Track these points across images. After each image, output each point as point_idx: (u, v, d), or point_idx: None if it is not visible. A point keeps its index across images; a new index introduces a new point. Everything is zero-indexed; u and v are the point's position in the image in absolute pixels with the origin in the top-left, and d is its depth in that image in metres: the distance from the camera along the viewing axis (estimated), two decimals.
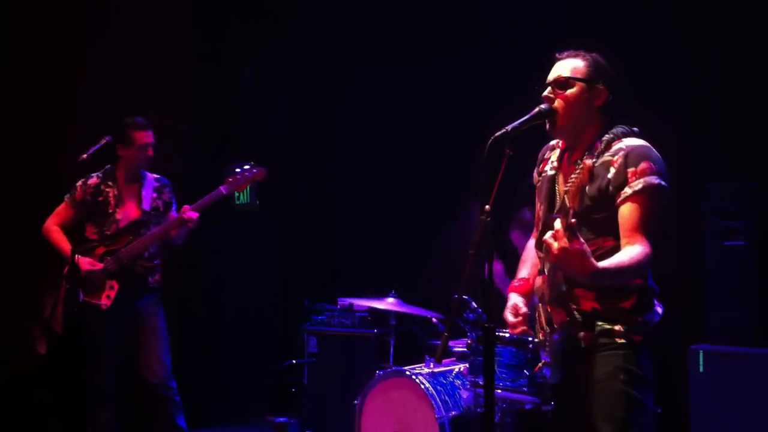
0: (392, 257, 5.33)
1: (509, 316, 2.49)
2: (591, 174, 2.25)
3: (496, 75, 4.78)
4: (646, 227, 2.22)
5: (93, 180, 4.10)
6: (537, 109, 2.34)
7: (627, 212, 2.24)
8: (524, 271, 2.61)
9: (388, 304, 4.21)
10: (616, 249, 2.24)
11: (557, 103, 2.35)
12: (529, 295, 2.54)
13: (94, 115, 4.67)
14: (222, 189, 3.98)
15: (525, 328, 2.47)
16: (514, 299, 2.53)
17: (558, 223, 2.04)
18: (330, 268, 5.66)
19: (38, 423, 4.41)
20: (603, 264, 2.12)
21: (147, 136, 4.07)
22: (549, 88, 2.38)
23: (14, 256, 4.73)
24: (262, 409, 5.59)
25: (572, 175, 2.28)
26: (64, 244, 4.00)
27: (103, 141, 3.70)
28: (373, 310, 4.63)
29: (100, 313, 3.90)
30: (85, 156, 3.62)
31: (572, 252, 2.01)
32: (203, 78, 5.72)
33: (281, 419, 5.13)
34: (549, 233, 2.06)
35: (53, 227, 4.07)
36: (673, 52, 4.26)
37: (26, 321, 3.93)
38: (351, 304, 4.88)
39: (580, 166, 2.16)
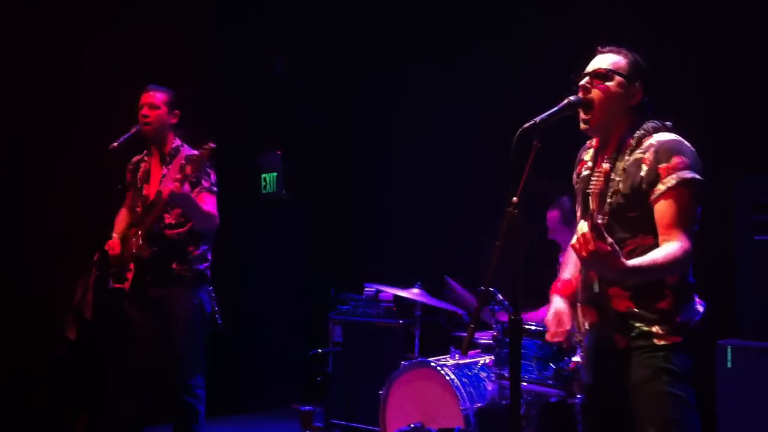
0: (420, 249, 5.32)
1: (551, 324, 2.49)
2: (607, 179, 2.26)
3: (526, 69, 4.74)
4: (683, 223, 2.19)
5: (136, 157, 3.85)
6: (566, 101, 2.30)
7: (662, 209, 2.20)
8: (567, 271, 2.59)
9: (413, 294, 4.21)
10: (655, 247, 2.20)
11: (594, 94, 2.31)
12: (572, 297, 2.51)
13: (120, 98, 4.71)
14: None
15: (562, 339, 2.48)
16: (558, 304, 2.51)
17: (584, 226, 2.02)
18: (357, 258, 5.67)
19: (69, 411, 4.41)
20: (634, 262, 2.09)
21: (143, 97, 3.67)
22: (587, 78, 2.34)
23: (53, 245, 4.77)
24: (287, 397, 5.63)
25: (593, 179, 2.28)
26: (116, 227, 3.79)
27: (134, 129, 3.63)
28: (398, 301, 4.63)
29: (125, 296, 3.68)
30: (115, 144, 3.56)
31: (601, 253, 1.99)
32: (235, 67, 5.74)
33: (306, 408, 5.17)
34: (575, 238, 2.05)
35: (121, 210, 3.88)
36: (693, 45, 4.18)
37: (62, 308, 3.93)
38: (377, 292, 4.89)
39: (598, 170, 2.13)
